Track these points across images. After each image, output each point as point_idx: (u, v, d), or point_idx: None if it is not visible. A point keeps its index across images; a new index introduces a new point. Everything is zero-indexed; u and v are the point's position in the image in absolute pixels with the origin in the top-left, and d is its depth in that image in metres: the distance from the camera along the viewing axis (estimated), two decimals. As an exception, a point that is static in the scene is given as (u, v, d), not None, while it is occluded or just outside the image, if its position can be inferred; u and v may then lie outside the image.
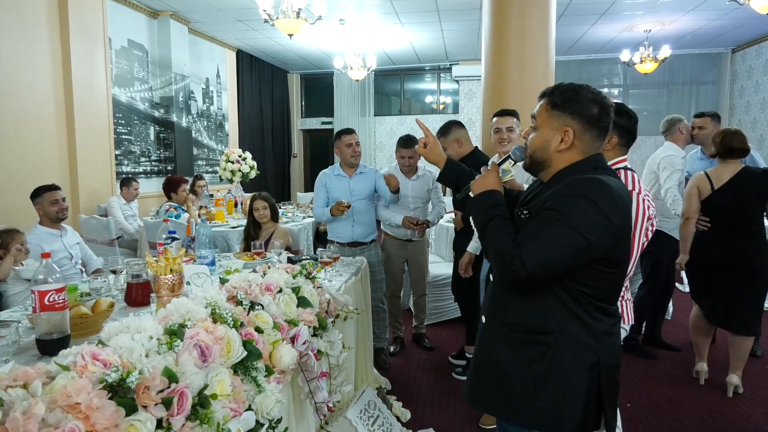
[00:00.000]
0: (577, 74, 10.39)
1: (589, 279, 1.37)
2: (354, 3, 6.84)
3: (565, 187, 1.37)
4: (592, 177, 1.36)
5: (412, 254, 3.86)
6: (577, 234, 1.30)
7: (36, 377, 0.99)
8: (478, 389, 1.55)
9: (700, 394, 3.24)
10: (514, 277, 1.35)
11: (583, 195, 1.33)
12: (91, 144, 5.75)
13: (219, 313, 1.39)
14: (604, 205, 1.31)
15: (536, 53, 4.01)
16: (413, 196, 3.73)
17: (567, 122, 1.42)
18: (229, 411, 1.18)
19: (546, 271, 1.34)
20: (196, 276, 2.30)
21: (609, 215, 1.31)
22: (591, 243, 1.30)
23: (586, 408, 1.39)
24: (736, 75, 9.78)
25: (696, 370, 3.40)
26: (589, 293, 1.38)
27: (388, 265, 3.80)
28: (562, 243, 1.31)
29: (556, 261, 1.32)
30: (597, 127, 1.42)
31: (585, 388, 1.38)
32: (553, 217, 1.33)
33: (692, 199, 3.19)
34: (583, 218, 1.31)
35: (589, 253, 1.32)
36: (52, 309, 1.55)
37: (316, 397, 1.77)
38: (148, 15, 7.03)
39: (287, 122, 11.75)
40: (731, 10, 7.04)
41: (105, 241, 4.90)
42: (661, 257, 3.68)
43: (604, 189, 1.33)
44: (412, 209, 3.72)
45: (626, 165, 1.96)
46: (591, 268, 1.36)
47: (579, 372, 1.38)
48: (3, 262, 2.74)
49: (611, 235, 1.33)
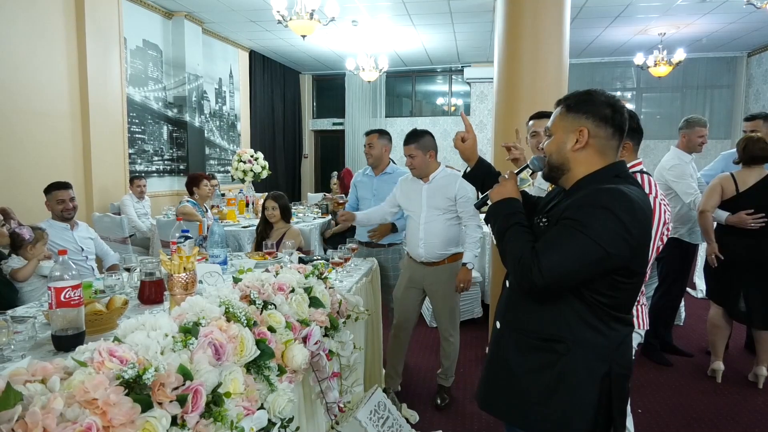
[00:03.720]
0: (590, 77, 10.32)
1: (606, 289, 1.36)
2: (367, 4, 6.85)
3: (586, 197, 1.36)
4: (613, 188, 1.36)
5: (429, 282, 3.04)
6: (595, 245, 1.29)
7: (54, 372, 1.00)
8: (489, 394, 1.56)
9: (712, 399, 3.20)
10: (531, 285, 1.35)
11: (603, 206, 1.32)
12: (105, 142, 5.81)
13: (233, 312, 1.40)
14: (625, 216, 1.30)
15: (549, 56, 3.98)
16: (428, 205, 2.96)
17: (581, 122, 1.43)
18: (242, 409, 1.18)
19: (563, 281, 1.34)
20: (209, 275, 2.32)
21: (629, 227, 1.30)
22: (610, 254, 1.30)
23: (596, 418, 1.38)
24: (751, 79, 9.67)
25: (712, 369, 3.45)
26: (605, 303, 1.37)
27: (398, 288, 3.18)
28: (580, 253, 1.31)
29: (574, 271, 1.32)
30: (611, 125, 1.42)
31: (596, 398, 1.37)
32: (572, 227, 1.33)
33: (713, 196, 3.28)
34: (603, 229, 1.30)
35: (608, 264, 1.32)
36: (68, 305, 1.57)
37: (327, 398, 1.77)
38: (162, 15, 7.10)
39: (298, 123, 11.79)
40: (747, 13, 6.97)
41: (118, 238, 4.95)
42: (676, 262, 3.68)
43: (624, 200, 1.32)
44: (423, 223, 2.95)
45: (642, 168, 1.96)
46: (608, 278, 1.35)
47: (590, 382, 1.37)
48: (28, 264, 2.78)
49: (630, 247, 1.32)
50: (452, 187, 2.92)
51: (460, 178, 2.85)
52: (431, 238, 2.95)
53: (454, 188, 2.91)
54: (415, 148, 2.91)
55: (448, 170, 3.01)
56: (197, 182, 5.01)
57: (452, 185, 2.92)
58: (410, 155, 2.91)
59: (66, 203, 3.35)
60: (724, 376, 3.42)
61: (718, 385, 3.37)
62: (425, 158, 2.92)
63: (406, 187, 3.08)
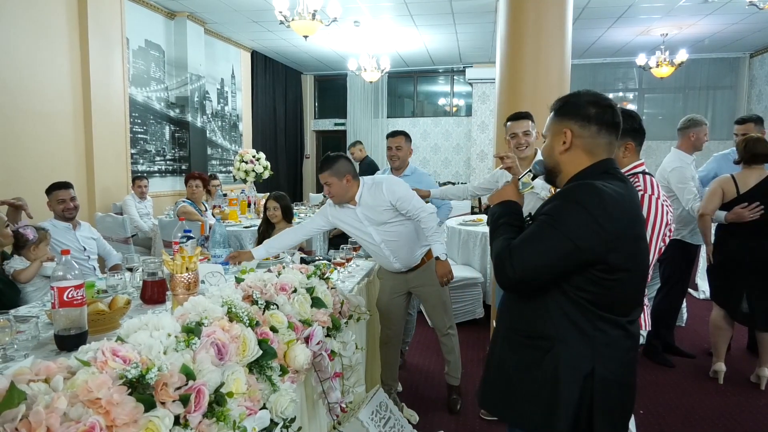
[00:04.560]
0: (592, 78, 10.31)
1: (587, 284, 1.36)
2: (369, 5, 6.86)
3: (561, 192, 1.42)
4: (587, 183, 1.38)
5: (414, 285, 2.96)
6: (565, 238, 1.32)
7: (57, 372, 1.01)
8: (486, 392, 1.58)
9: (714, 401, 3.20)
10: (505, 280, 1.40)
11: (574, 200, 1.36)
12: (107, 142, 5.82)
13: (235, 312, 1.41)
14: (595, 210, 1.32)
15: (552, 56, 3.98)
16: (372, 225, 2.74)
17: (565, 124, 1.46)
18: (244, 409, 1.19)
19: (534, 275, 1.36)
20: (210, 275, 2.32)
21: (600, 220, 1.31)
22: (579, 247, 1.31)
23: (578, 417, 1.37)
24: (754, 80, 9.66)
25: (714, 370, 3.45)
26: (590, 300, 1.37)
27: (381, 297, 3.03)
28: (549, 247, 1.34)
29: (545, 265, 1.35)
30: (595, 123, 1.44)
31: (577, 397, 1.37)
32: (545, 223, 1.37)
33: (713, 199, 3.27)
34: (573, 223, 1.33)
35: (579, 257, 1.33)
36: (70, 305, 1.57)
37: (329, 398, 1.77)
38: (165, 16, 7.10)
39: (300, 123, 11.80)
40: (750, 14, 6.96)
41: (120, 238, 4.95)
42: (677, 263, 3.68)
43: (596, 194, 1.34)
44: (381, 242, 2.76)
45: (644, 169, 1.96)
46: (587, 273, 1.35)
47: (571, 380, 1.38)
48: (30, 266, 2.78)
49: (602, 240, 1.32)
50: (381, 197, 2.65)
51: (384, 182, 2.69)
52: (399, 251, 2.79)
53: (383, 197, 2.65)
54: (329, 175, 2.60)
55: (368, 182, 2.72)
56: (186, 183, 5.10)
57: (380, 195, 2.66)
58: (326, 183, 2.63)
59: (67, 203, 3.35)
60: (726, 377, 3.42)
61: (720, 387, 3.36)
62: (342, 184, 2.63)
63: (342, 216, 2.80)
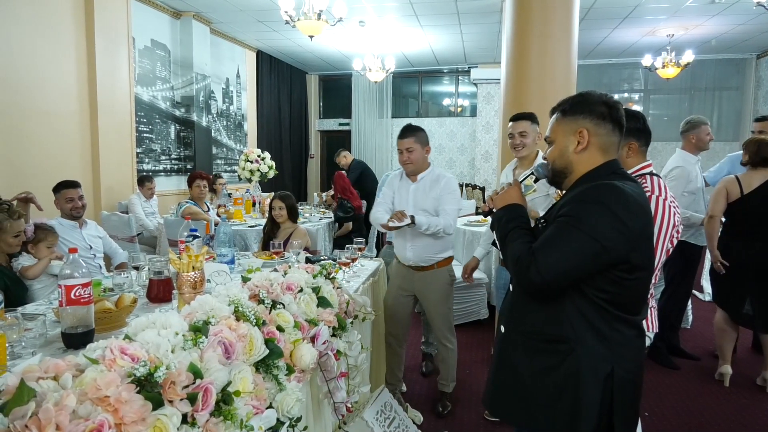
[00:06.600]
0: (597, 78, 10.28)
1: (608, 285, 1.36)
2: (374, 5, 6.86)
3: (580, 193, 1.39)
4: (606, 183, 1.37)
5: (420, 288, 2.92)
6: (591, 239, 1.31)
7: (66, 370, 1.01)
8: (497, 400, 1.56)
9: (720, 403, 3.18)
10: (530, 285, 1.37)
11: (596, 200, 1.34)
12: (113, 141, 5.84)
13: (242, 311, 1.41)
14: (618, 209, 1.32)
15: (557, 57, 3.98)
16: (415, 206, 2.83)
17: (579, 123, 1.45)
18: (251, 408, 1.19)
19: (562, 278, 1.35)
20: (216, 274, 2.32)
21: (624, 219, 1.31)
22: (606, 248, 1.31)
23: (600, 419, 1.37)
24: (760, 81, 9.60)
25: (720, 373, 3.44)
26: (608, 300, 1.37)
27: (388, 296, 3.04)
28: (576, 249, 1.32)
29: (572, 267, 1.33)
30: (610, 121, 1.44)
31: (599, 399, 1.37)
32: (567, 224, 1.35)
33: (719, 200, 3.28)
34: (597, 223, 1.31)
35: (605, 258, 1.32)
36: (78, 303, 1.58)
37: (335, 397, 1.77)
38: (171, 15, 7.12)
39: (305, 123, 11.81)
40: (757, 15, 6.92)
41: (125, 237, 4.97)
42: (681, 264, 3.67)
43: (618, 193, 1.34)
44: None
45: (651, 170, 1.95)
46: (610, 273, 1.35)
47: (594, 382, 1.37)
48: (38, 263, 2.80)
49: (626, 239, 1.32)
50: (437, 186, 2.81)
51: (447, 176, 2.85)
52: (418, 241, 2.82)
53: (439, 186, 2.81)
54: (414, 141, 2.78)
55: (437, 171, 2.89)
56: (190, 183, 5.07)
57: (437, 185, 2.81)
58: (408, 149, 2.78)
59: (75, 201, 3.37)
60: (731, 380, 3.40)
61: (726, 389, 3.35)
62: (422, 153, 2.82)
63: (394, 186, 2.97)
